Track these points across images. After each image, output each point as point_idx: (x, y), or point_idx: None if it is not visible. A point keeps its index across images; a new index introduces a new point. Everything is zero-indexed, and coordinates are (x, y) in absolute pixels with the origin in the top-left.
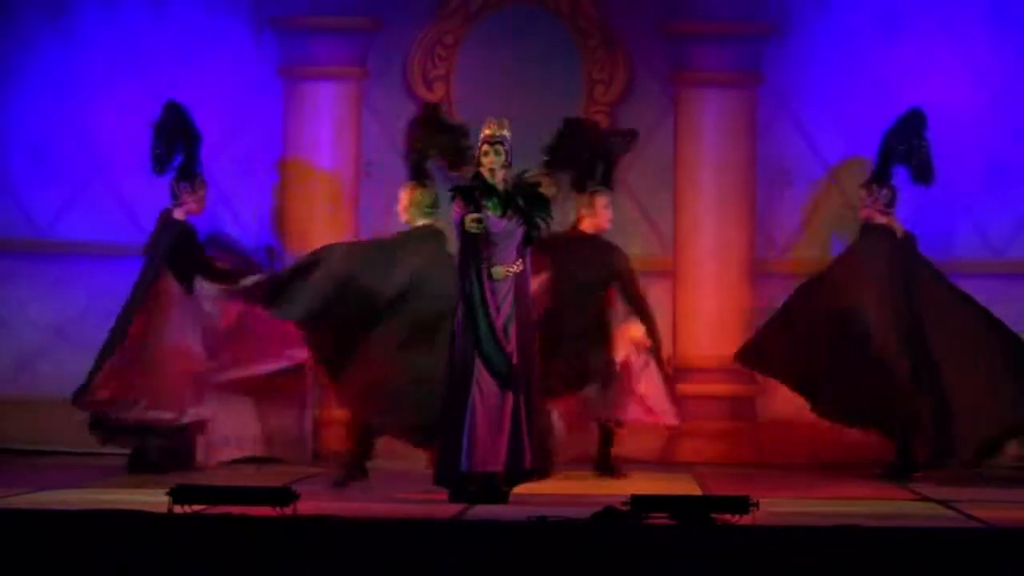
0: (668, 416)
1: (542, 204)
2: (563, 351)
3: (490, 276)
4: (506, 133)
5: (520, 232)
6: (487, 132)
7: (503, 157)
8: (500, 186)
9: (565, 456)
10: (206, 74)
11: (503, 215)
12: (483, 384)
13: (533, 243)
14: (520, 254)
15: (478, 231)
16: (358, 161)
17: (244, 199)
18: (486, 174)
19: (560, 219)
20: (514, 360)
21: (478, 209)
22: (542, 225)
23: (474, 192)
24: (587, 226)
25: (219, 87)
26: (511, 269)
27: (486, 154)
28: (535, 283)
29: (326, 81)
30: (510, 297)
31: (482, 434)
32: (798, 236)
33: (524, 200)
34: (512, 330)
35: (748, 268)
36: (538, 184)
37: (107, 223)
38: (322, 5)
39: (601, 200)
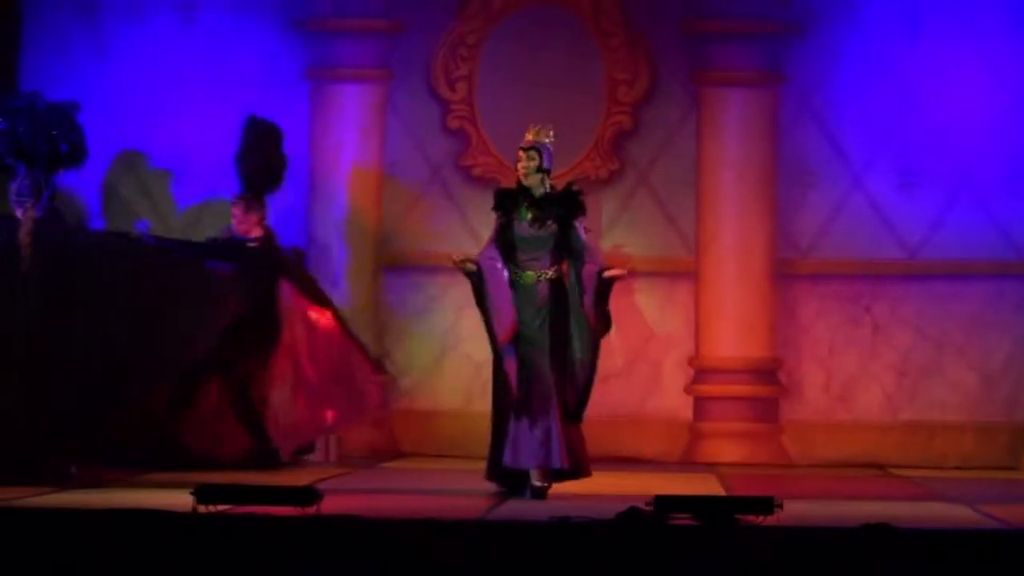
0: None
1: (580, 211)
2: None
3: (518, 281)
4: (544, 140)
5: (554, 238)
6: (526, 139)
7: (537, 163)
8: (538, 192)
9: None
10: (234, 78)
11: (534, 221)
12: (521, 386)
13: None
14: (556, 260)
15: (466, 271)
16: (382, 162)
17: (271, 201)
18: (521, 179)
19: None
20: (548, 365)
21: (509, 214)
22: (579, 231)
23: (506, 198)
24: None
25: (247, 91)
26: (544, 274)
27: (520, 160)
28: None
29: (351, 83)
30: (543, 301)
31: (521, 433)
32: (821, 236)
33: (564, 207)
34: (545, 334)
35: (770, 269)
36: (580, 192)
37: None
38: (347, 8)
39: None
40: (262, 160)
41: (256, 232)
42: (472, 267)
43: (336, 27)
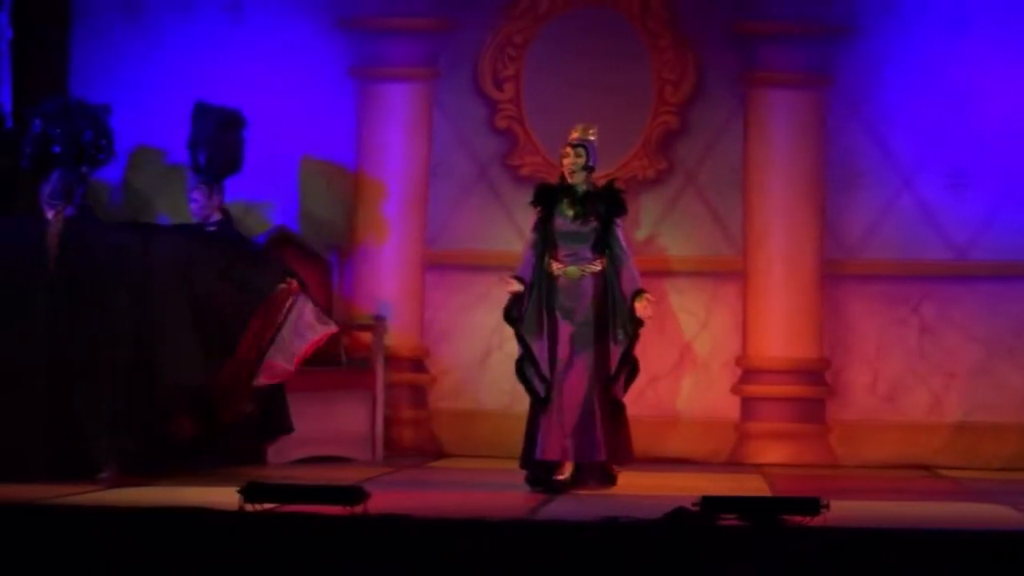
0: None
1: (622, 209)
2: None
3: (553, 276)
4: (590, 137)
5: (595, 234)
6: (572, 136)
7: (583, 160)
8: (581, 188)
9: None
10: (280, 77)
11: (576, 217)
12: (558, 379)
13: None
14: (598, 255)
15: (513, 292)
16: (429, 161)
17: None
18: (566, 176)
19: None
20: (589, 359)
21: (550, 208)
22: (619, 233)
23: (547, 193)
24: None
25: (292, 89)
26: (588, 268)
27: (566, 156)
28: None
29: (398, 82)
30: (588, 297)
31: (554, 426)
32: (869, 237)
33: (606, 204)
34: (590, 328)
35: (818, 269)
36: (622, 191)
37: None
38: (394, 6)
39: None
40: (227, 149)
41: (216, 216)
42: (520, 288)
43: (383, 26)
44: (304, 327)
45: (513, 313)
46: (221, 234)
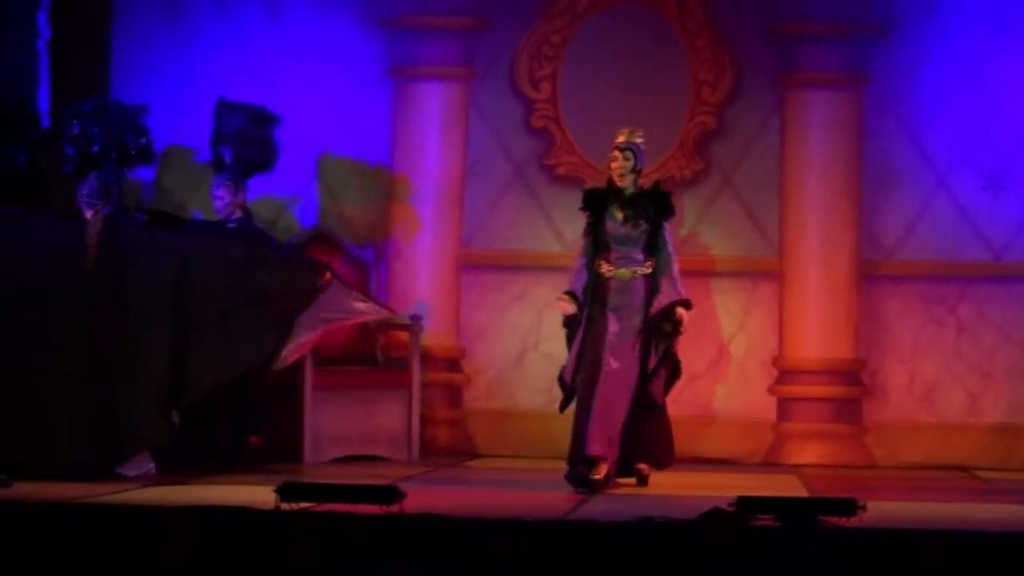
0: None
1: (670, 212)
2: None
3: (604, 277)
4: (636, 140)
5: (645, 236)
6: (619, 139)
7: (632, 163)
8: (629, 191)
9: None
10: (317, 75)
11: (626, 220)
12: (602, 378)
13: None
14: (648, 256)
15: (568, 315)
16: (464, 161)
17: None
18: (615, 179)
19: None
20: (633, 360)
21: (599, 212)
22: (666, 236)
23: (595, 197)
24: None
25: (330, 88)
26: (640, 270)
27: (614, 159)
28: None
29: (434, 81)
30: (639, 298)
31: (594, 424)
32: (905, 238)
33: (654, 206)
34: (638, 328)
35: (854, 270)
36: (670, 193)
37: None
38: (431, 6)
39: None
40: (257, 146)
41: (237, 214)
42: (574, 310)
43: (420, 25)
44: (343, 307)
45: (571, 333)
46: (242, 231)
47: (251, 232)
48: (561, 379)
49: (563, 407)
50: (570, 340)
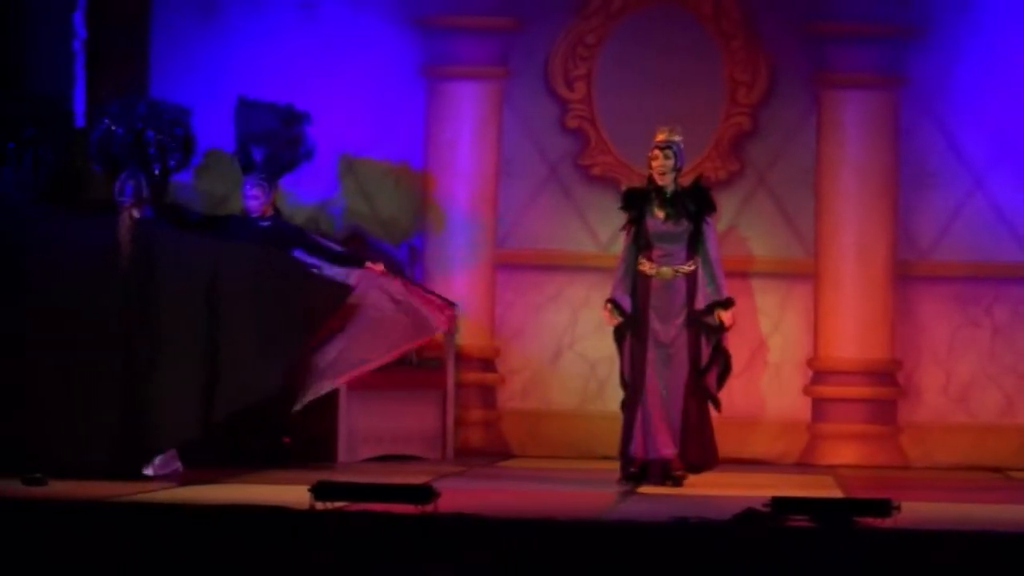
0: None
1: (711, 207)
2: None
3: (646, 276)
4: (676, 138)
5: (687, 234)
6: (659, 138)
7: (672, 162)
8: (669, 189)
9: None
10: (351, 74)
11: (667, 218)
12: (649, 378)
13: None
14: (691, 255)
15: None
16: (498, 160)
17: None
18: (656, 178)
19: None
20: (679, 359)
21: (640, 210)
22: (708, 234)
23: (635, 196)
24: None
25: (363, 86)
26: (682, 269)
27: (655, 158)
28: None
29: (468, 81)
30: (680, 296)
31: (643, 423)
32: (941, 238)
33: (695, 203)
34: (682, 330)
35: (890, 270)
36: (709, 189)
37: None
38: (466, 5)
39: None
40: (290, 145)
41: (269, 212)
42: (620, 320)
43: (454, 24)
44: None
45: (619, 337)
46: (280, 229)
47: (290, 231)
48: (621, 376)
49: (623, 406)
50: (620, 343)
